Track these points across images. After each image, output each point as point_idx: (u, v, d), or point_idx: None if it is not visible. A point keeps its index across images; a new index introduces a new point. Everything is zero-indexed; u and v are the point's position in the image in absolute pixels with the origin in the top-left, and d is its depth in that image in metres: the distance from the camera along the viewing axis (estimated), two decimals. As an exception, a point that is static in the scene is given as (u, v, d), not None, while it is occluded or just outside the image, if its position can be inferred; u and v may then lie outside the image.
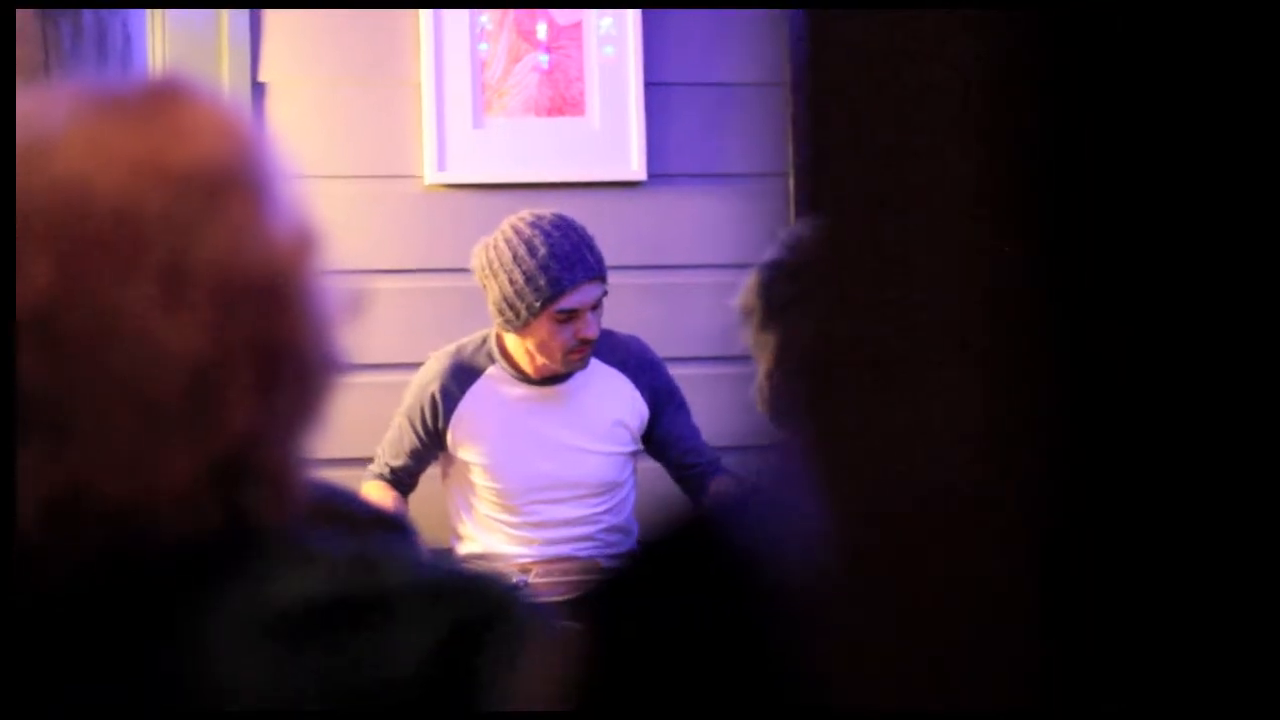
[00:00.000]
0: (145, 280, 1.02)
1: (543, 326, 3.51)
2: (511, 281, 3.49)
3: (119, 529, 1.05)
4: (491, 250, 3.54)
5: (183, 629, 1.04)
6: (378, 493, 3.63)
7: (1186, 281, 0.49)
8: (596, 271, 3.51)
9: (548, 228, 3.50)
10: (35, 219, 1.04)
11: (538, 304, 3.48)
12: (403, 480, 3.73)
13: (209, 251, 1.04)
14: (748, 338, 1.79)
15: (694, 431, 3.74)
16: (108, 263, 1.02)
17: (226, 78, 4.01)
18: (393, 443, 3.72)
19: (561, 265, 3.47)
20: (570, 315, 3.50)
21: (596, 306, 3.53)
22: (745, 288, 1.88)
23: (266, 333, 1.06)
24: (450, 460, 3.73)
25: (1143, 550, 0.50)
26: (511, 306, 3.51)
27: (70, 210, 1.04)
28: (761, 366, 1.75)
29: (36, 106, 1.10)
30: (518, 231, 3.51)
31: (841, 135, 0.55)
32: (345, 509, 1.25)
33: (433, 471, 3.76)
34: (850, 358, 0.54)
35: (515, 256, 3.49)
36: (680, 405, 3.74)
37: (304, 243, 1.09)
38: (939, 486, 0.52)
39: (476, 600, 1.07)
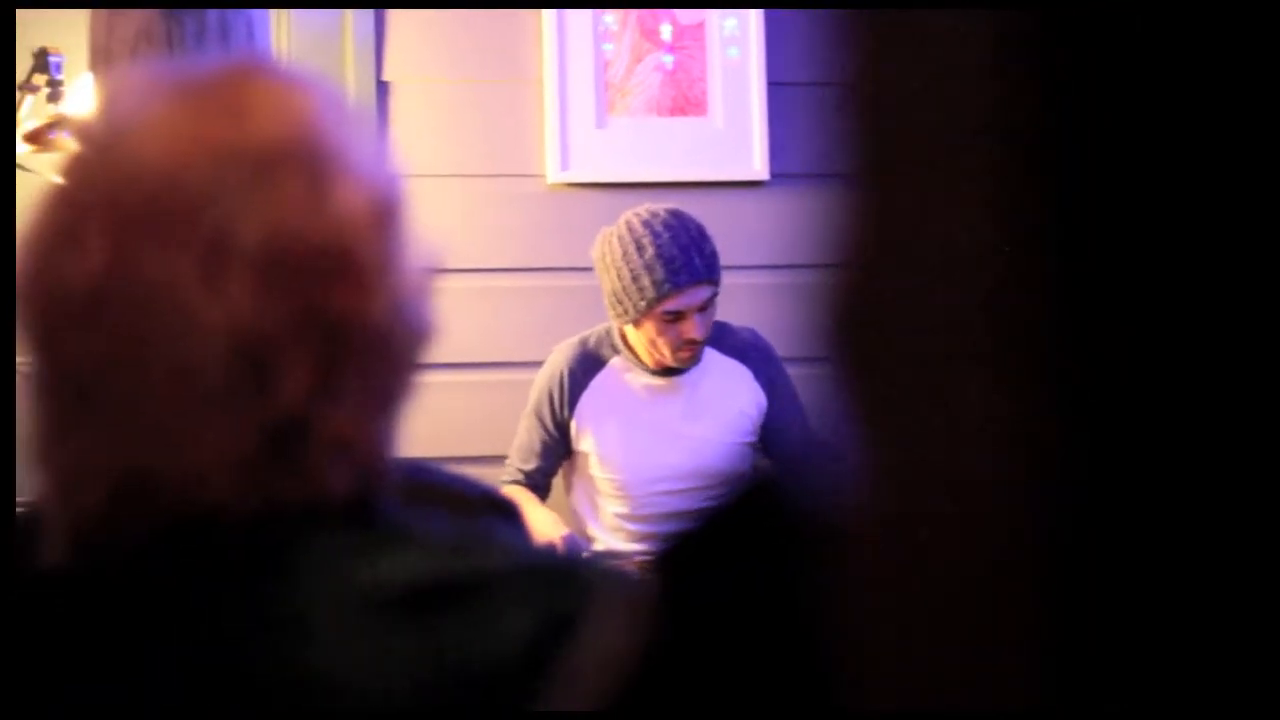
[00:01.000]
0: (194, 255, 1.03)
1: (650, 325, 3.52)
2: (620, 279, 3.50)
3: (183, 507, 1.05)
4: (606, 244, 3.55)
5: (261, 608, 1.04)
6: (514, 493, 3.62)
7: (1223, 280, 0.49)
8: (704, 275, 3.49)
9: (659, 227, 3.49)
10: (91, 198, 1.06)
11: (643, 304, 3.49)
12: (537, 483, 3.73)
13: (260, 226, 1.04)
14: None
15: (806, 428, 3.72)
16: (159, 238, 1.03)
17: (351, 77, 4.06)
18: (521, 446, 3.73)
19: (667, 268, 3.46)
20: (676, 316, 3.50)
21: (705, 308, 3.52)
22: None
23: (326, 304, 1.05)
24: (572, 468, 3.74)
25: (1168, 552, 0.50)
26: (620, 303, 3.53)
27: (124, 188, 1.05)
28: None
29: (114, 91, 1.12)
30: (631, 229, 3.52)
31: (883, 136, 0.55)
32: (454, 491, 1.24)
33: (557, 484, 3.78)
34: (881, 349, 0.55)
35: (625, 254, 3.49)
36: (794, 398, 3.72)
37: (375, 215, 1.09)
38: (968, 481, 0.52)
39: (575, 588, 1.05)
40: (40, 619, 1.07)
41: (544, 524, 3.57)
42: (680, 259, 3.46)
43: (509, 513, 1.27)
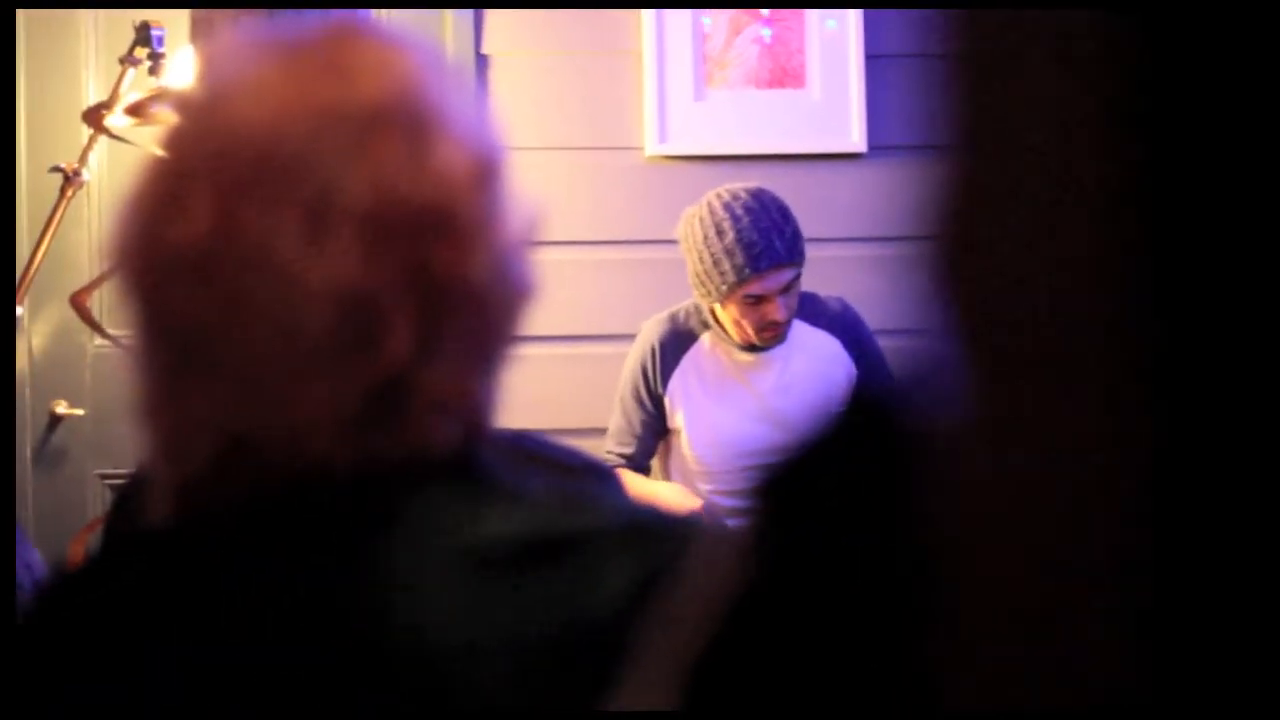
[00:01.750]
0: (298, 215, 1.04)
1: (733, 307, 3.51)
2: (702, 262, 3.50)
3: (289, 464, 1.06)
4: (689, 225, 3.55)
5: (366, 564, 1.05)
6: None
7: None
8: (785, 258, 3.46)
9: (739, 210, 3.48)
10: (197, 160, 1.08)
11: (724, 288, 3.48)
12: (638, 464, 3.72)
13: (355, 186, 1.05)
14: None
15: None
16: (263, 199, 1.04)
17: (450, 50, 4.08)
18: (619, 429, 3.73)
19: (747, 253, 3.44)
20: (759, 299, 3.49)
21: (787, 290, 3.50)
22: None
23: (428, 262, 1.06)
24: (666, 449, 3.74)
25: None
26: (702, 284, 3.52)
27: (228, 150, 1.07)
28: None
29: (215, 56, 1.14)
30: (711, 211, 3.51)
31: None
32: (555, 458, 1.25)
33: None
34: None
35: (706, 238, 3.49)
36: (883, 366, 3.69)
37: (473, 174, 1.10)
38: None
39: (677, 541, 1.05)
40: (149, 577, 1.09)
41: (673, 497, 3.58)
42: (760, 243, 3.45)
43: (609, 478, 1.28)
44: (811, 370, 3.65)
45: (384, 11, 4.05)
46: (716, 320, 3.62)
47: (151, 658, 1.05)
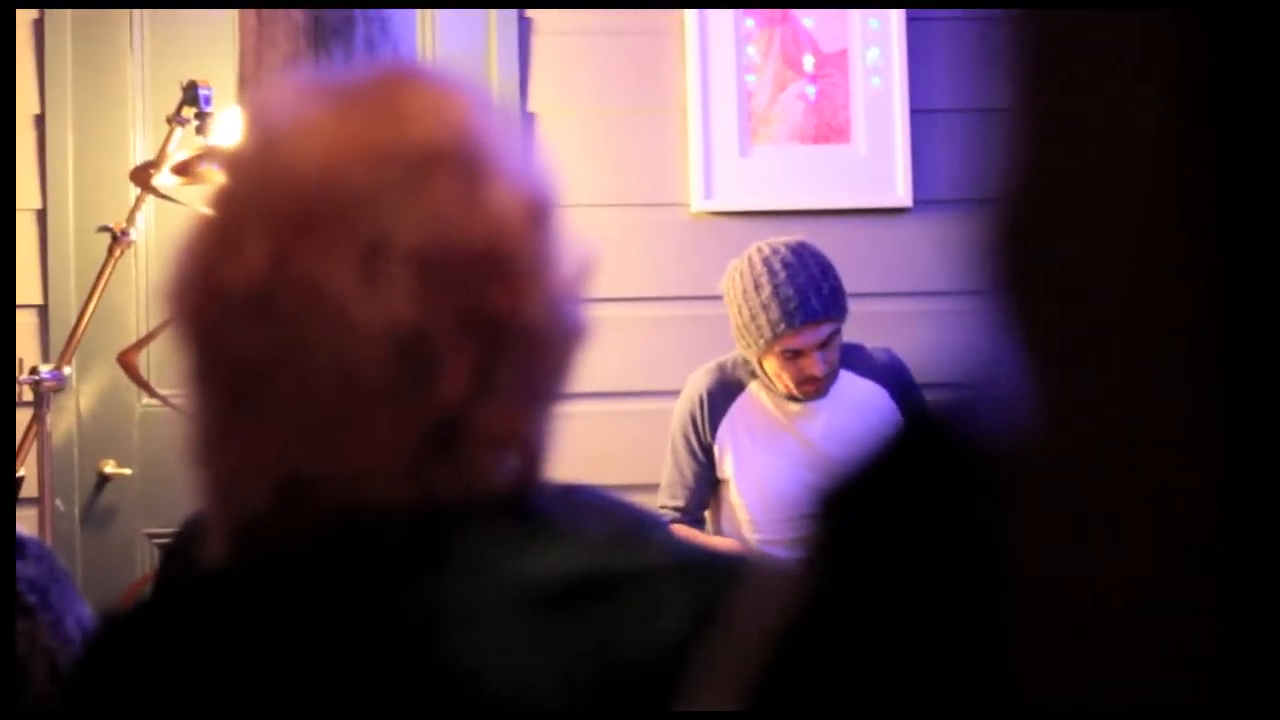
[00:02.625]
0: (353, 255, 1.04)
1: (772, 360, 3.52)
2: (741, 315, 3.51)
3: (346, 504, 1.06)
4: (729, 278, 3.56)
5: (421, 604, 1.04)
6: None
7: None
8: (820, 314, 3.47)
9: (777, 265, 3.49)
10: (252, 203, 1.09)
11: (761, 342, 3.48)
12: (694, 517, 3.70)
13: (418, 226, 1.05)
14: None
15: None
16: (318, 240, 1.05)
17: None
18: (671, 482, 3.72)
19: (783, 308, 3.45)
20: (796, 354, 3.50)
21: (826, 344, 3.50)
22: None
23: (482, 302, 1.06)
24: (716, 501, 3.73)
25: None
26: (742, 337, 3.53)
27: (282, 191, 1.07)
28: None
29: (267, 100, 1.15)
30: (751, 265, 3.52)
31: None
32: (600, 501, 1.25)
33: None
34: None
35: (744, 291, 3.50)
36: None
37: (527, 215, 1.10)
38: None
39: (729, 581, 1.02)
40: (205, 618, 1.09)
41: (725, 546, 3.57)
42: (796, 299, 3.45)
43: (660, 525, 1.27)
44: (859, 420, 3.64)
45: (427, 48, 4.07)
46: (763, 369, 3.61)
47: (206, 697, 1.05)
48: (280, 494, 1.07)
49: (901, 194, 4.25)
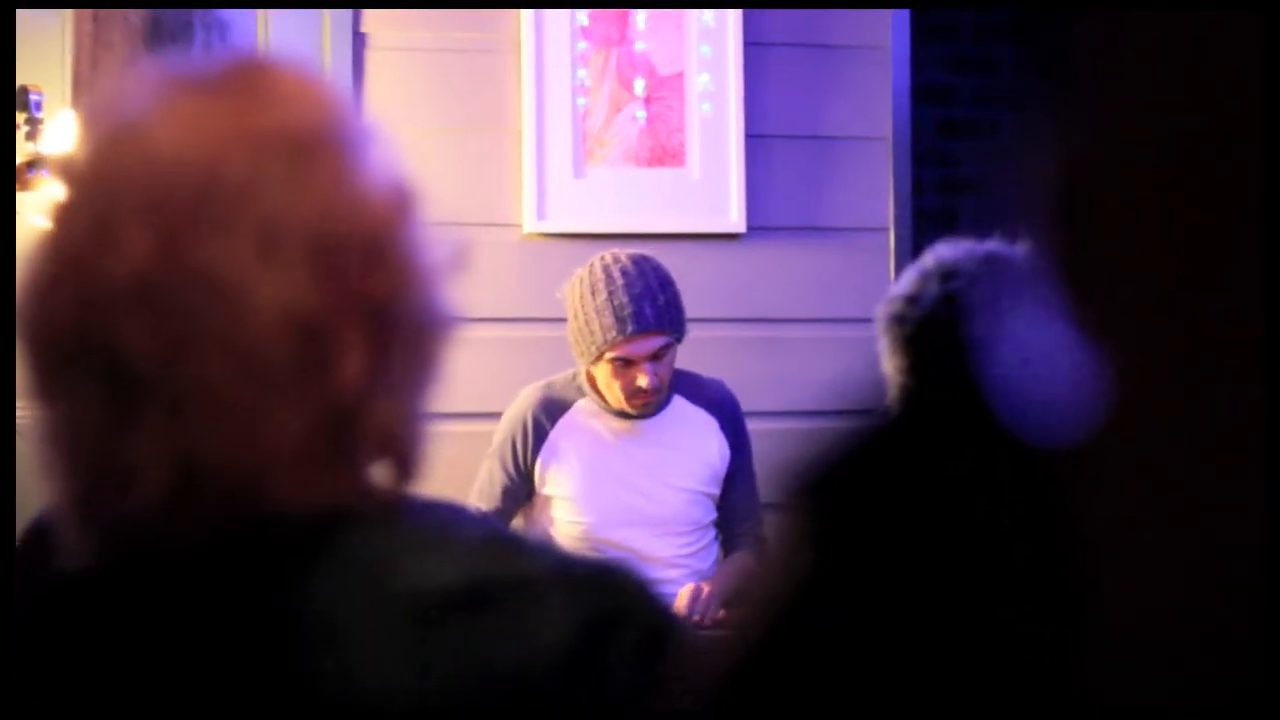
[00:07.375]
0: (247, 241, 1.03)
1: (603, 368, 3.55)
2: (576, 320, 3.55)
3: (240, 499, 1.05)
4: (570, 284, 3.60)
5: (309, 605, 1.04)
6: None
7: None
8: (653, 325, 3.50)
9: (616, 274, 3.52)
10: (127, 193, 1.05)
11: (593, 349, 3.52)
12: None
13: (300, 211, 1.04)
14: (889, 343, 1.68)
15: (751, 493, 3.71)
16: (208, 226, 1.03)
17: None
18: (482, 491, 3.72)
19: (616, 316, 3.48)
20: (627, 363, 3.52)
21: (658, 357, 3.53)
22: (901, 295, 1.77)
23: (365, 290, 1.06)
24: (531, 510, 3.73)
25: None
26: (577, 344, 3.57)
27: (161, 181, 1.05)
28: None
29: (120, 91, 1.12)
30: (591, 271, 3.56)
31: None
32: (466, 512, 1.24)
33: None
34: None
35: (581, 297, 3.54)
36: (747, 461, 3.74)
37: (399, 202, 1.10)
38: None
39: (612, 591, 1.06)
40: (85, 619, 1.09)
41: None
42: (630, 307, 3.48)
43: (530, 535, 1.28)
44: (687, 444, 3.67)
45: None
46: (594, 387, 3.63)
47: (85, 692, 1.06)
48: (174, 489, 1.04)
49: (735, 219, 4.25)
